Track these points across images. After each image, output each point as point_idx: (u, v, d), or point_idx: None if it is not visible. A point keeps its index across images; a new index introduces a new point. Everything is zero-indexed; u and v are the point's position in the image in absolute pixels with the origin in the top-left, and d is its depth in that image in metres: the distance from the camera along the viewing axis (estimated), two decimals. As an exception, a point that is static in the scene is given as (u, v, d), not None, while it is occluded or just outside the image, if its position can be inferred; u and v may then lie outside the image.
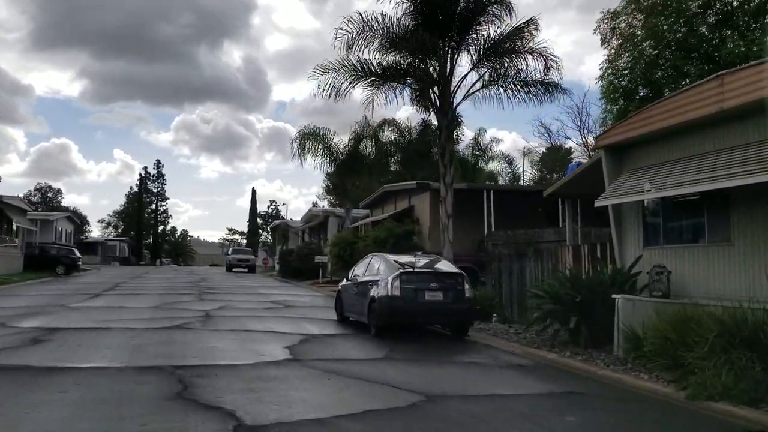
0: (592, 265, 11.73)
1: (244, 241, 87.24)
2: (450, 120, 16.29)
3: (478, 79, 16.67)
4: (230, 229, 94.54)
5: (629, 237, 11.22)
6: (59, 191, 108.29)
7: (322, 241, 33.82)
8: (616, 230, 11.27)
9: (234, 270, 46.71)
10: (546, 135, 39.36)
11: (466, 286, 11.28)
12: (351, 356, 9.66)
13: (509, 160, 32.89)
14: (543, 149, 41.14)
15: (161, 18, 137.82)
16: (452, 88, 16.26)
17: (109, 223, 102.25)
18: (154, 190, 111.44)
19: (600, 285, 9.92)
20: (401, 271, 11.09)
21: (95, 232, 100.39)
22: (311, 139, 27.59)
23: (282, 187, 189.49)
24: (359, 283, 12.53)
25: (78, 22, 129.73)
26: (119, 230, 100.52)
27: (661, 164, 10.31)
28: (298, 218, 48.97)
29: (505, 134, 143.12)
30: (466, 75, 16.50)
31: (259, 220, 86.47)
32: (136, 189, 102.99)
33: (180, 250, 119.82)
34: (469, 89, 16.67)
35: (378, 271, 11.83)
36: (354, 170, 27.95)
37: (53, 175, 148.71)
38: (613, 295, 9.34)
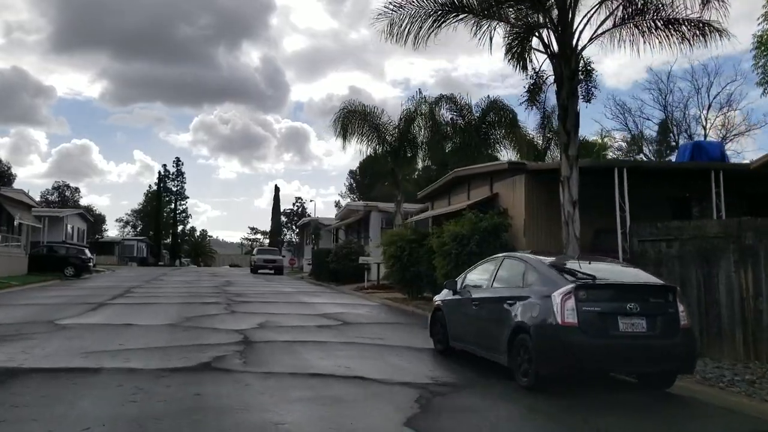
0: None
1: (267, 241, 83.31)
2: (574, 69, 11.84)
3: (609, 16, 12.23)
4: (252, 229, 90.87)
5: None
6: (77, 190, 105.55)
7: (362, 240, 29.56)
8: None
9: (260, 272, 42.71)
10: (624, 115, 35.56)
11: (680, 307, 6.86)
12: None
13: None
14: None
15: (180, 19, 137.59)
16: (577, 25, 11.84)
17: (127, 223, 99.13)
18: (174, 189, 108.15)
19: None
20: (577, 283, 6.70)
21: (113, 231, 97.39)
22: (355, 119, 23.29)
23: (300, 187, 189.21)
24: (483, 300, 8.16)
25: (97, 24, 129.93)
26: (137, 230, 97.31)
27: None
28: (328, 216, 44.74)
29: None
30: (595, 9, 12.02)
31: (283, 218, 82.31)
32: (155, 187, 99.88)
33: (199, 250, 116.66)
34: (597, 29, 12.22)
35: (525, 282, 7.44)
36: (405, 156, 23.61)
37: (74, 176, 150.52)
38: None
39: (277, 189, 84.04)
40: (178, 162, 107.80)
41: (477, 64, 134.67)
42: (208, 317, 13.55)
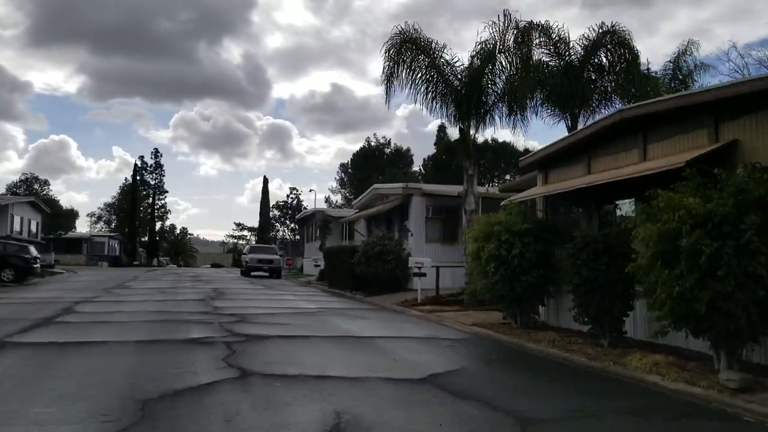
0: None
1: (254, 238, 75.42)
2: None
3: None
4: (238, 224, 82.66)
5: None
6: (46, 182, 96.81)
7: (395, 234, 22.14)
8: None
9: (252, 274, 35.15)
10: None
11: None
12: None
13: None
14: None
15: (160, 13, 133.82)
16: None
17: (99, 218, 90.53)
18: (152, 182, 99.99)
19: None
20: None
21: (85, 228, 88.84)
22: (412, 51, 15.83)
23: (281, 185, 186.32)
24: None
25: (75, 18, 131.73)
26: (112, 226, 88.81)
27: None
28: (332, 208, 36.98)
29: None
30: None
31: (275, 212, 74.22)
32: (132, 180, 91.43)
33: (179, 248, 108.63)
34: None
35: None
36: (480, 109, 16.24)
37: (52, 172, 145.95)
38: None
39: (266, 180, 76.22)
40: (156, 153, 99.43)
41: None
42: (194, 399, 6.09)
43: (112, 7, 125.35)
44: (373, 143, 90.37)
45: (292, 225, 69.18)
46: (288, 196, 76.02)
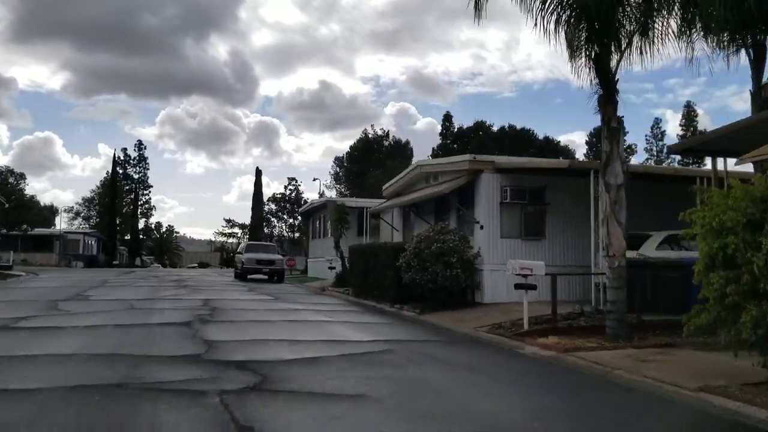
0: None
1: (246, 236, 69.03)
2: None
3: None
4: (228, 221, 76.15)
5: None
6: (22, 176, 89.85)
7: (453, 227, 16.09)
8: None
9: (249, 277, 29.06)
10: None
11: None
12: None
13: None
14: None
15: (145, 9, 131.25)
16: None
17: (77, 213, 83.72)
18: (135, 176, 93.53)
19: None
20: None
21: (64, 225, 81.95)
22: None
23: (269, 183, 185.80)
24: None
25: (59, 13, 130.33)
26: (91, 222, 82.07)
27: None
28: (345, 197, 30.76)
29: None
30: None
31: (273, 205, 67.43)
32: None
33: (165, 247, 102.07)
34: None
35: None
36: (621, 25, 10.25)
37: (37, 169, 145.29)
38: None
39: (258, 173, 69.76)
40: (140, 146, 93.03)
41: (447, 62, 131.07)
42: None
43: (97, 2, 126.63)
44: (370, 135, 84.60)
45: (291, 220, 62.85)
46: (286, 187, 69.32)
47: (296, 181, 68.87)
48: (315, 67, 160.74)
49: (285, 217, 64.46)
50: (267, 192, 78.50)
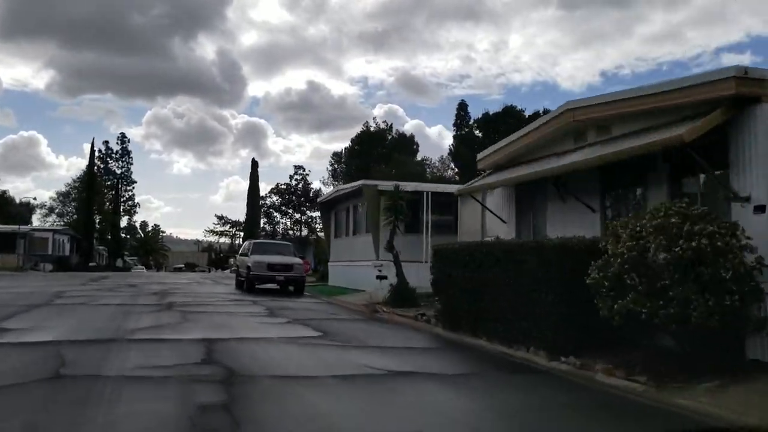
0: None
1: (241, 234, 61.23)
2: None
3: None
4: (220, 218, 68.16)
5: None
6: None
7: (648, 203, 8.75)
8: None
9: (258, 286, 21.60)
10: None
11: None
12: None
13: None
14: None
15: (132, 7, 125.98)
16: None
17: (51, 209, 75.50)
18: (117, 171, 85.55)
19: None
20: None
21: (36, 223, 73.83)
22: None
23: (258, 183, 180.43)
24: None
25: (45, 11, 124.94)
26: (66, 219, 73.93)
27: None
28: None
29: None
30: None
31: (275, 198, 59.16)
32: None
33: (150, 247, 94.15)
34: None
35: None
36: None
37: (21, 169, 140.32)
38: None
39: (254, 164, 61.95)
40: (123, 138, 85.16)
41: (435, 64, 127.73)
42: None
43: (83, 0, 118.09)
44: (372, 128, 77.35)
45: (297, 215, 54.94)
46: (292, 177, 61.05)
47: (303, 170, 60.90)
48: (303, 68, 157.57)
49: (290, 211, 56.45)
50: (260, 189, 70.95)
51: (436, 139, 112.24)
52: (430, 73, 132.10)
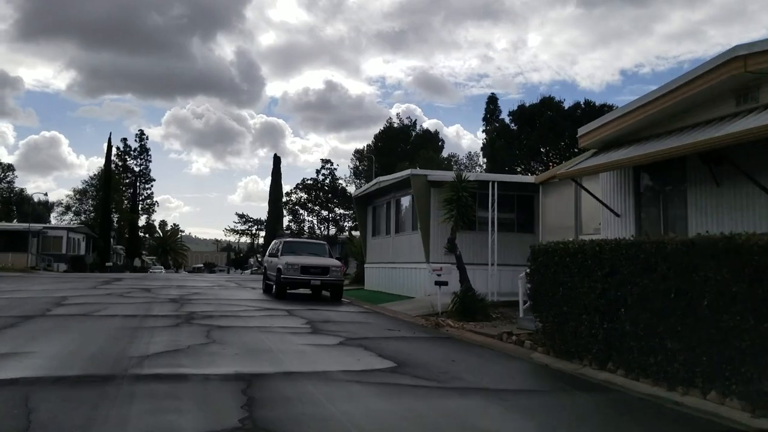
0: None
1: (262, 233, 58.56)
2: None
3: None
4: (241, 216, 65.67)
5: None
6: (10, 167, 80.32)
7: None
8: None
9: (291, 291, 18.84)
10: None
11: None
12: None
13: None
14: None
15: (152, 8, 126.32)
16: None
17: (67, 208, 73.68)
18: (136, 169, 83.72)
19: None
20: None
21: (53, 222, 72.13)
22: None
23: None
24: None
25: (65, 12, 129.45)
26: (82, 218, 72.04)
27: None
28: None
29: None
30: None
31: (302, 194, 56.09)
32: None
33: (169, 246, 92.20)
34: None
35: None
36: None
37: (43, 169, 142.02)
38: None
39: (277, 160, 59.30)
40: (141, 135, 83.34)
41: (452, 64, 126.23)
42: None
43: (103, 0, 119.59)
44: (396, 124, 74.72)
45: (324, 213, 52.03)
46: (318, 171, 58.01)
47: (331, 164, 58.00)
48: (320, 68, 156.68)
49: (316, 208, 53.49)
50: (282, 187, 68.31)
51: (454, 138, 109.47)
52: (448, 73, 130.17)
